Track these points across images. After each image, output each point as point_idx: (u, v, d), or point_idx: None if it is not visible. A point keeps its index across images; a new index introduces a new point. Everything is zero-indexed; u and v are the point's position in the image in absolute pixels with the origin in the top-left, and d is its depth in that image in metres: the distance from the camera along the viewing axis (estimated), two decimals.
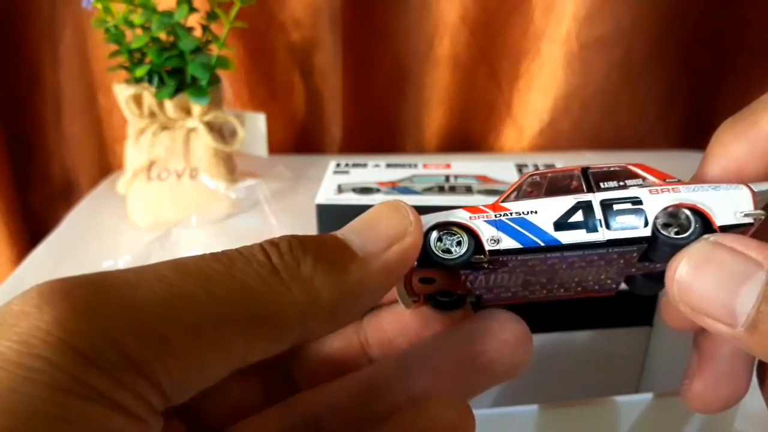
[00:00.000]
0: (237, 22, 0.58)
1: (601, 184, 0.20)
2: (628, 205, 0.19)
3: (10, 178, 0.75)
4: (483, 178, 0.47)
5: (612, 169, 0.21)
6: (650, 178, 0.21)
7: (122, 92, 0.58)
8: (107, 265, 0.51)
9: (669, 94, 0.80)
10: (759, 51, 0.77)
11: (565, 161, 0.52)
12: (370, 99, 0.79)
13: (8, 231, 0.75)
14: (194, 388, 0.14)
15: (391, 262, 0.16)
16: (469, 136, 0.82)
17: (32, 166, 0.78)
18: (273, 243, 0.16)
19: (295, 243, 0.16)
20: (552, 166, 0.51)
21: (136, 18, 0.56)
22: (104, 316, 0.13)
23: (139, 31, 0.57)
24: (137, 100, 0.58)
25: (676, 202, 0.19)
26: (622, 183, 0.21)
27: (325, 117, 0.78)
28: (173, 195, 0.60)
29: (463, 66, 0.76)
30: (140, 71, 0.57)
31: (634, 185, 0.20)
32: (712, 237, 0.17)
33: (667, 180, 0.21)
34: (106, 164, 0.79)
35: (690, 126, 0.83)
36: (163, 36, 0.57)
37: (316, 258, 0.15)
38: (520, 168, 0.50)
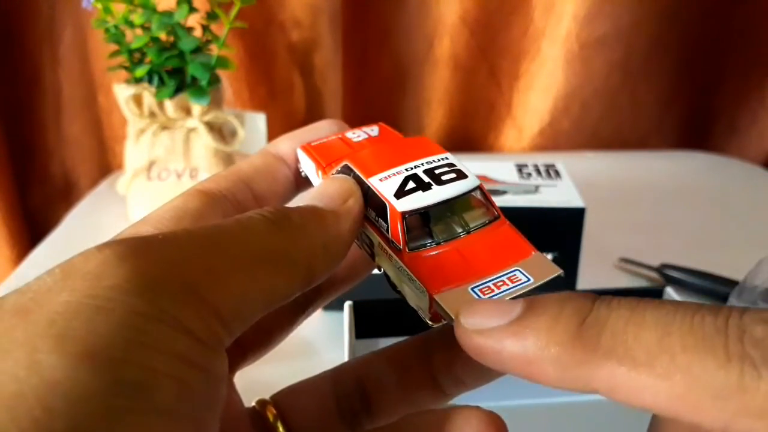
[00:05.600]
0: (237, 22, 0.58)
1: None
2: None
3: (10, 178, 0.75)
4: (483, 178, 0.47)
5: None
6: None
7: (122, 92, 0.58)
8: None
9: (669, 94, 0.80)
10: (758, 51, 0.77)
11: (565, 161, 0.52)
12: (370, 99, 0.79)
13: (8, 231, 0.75)
14: (244, 318, 0.16)
15: (351, 211, 0.20)
16: (469, 136, 0.82)
17: (32, 166, 0.78)
18: (258, 211, 0.18)
19: (276, 209, 0.18)
20: (552, 166, 0.51)
21: (136, 18, 0.56)
22: (162, 253, 0.15)
23: (139, 31, 0.57)
24: (137, 100, 0.58)
25: None
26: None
27: (325, 117, 0.78)
28: (173, 195, 0.59)
29: (463, 66, 0.76)
30: (140, 71, 0.57)
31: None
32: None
33: None
34: (106, 164, 0.79)
35: (690, 126, 0.83)
36: (163, 36, 0.57)
37: (299, 214, 0.18)
38: (520, 168, 0.50)
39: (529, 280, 0.18)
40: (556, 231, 0.46)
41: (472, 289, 0.18)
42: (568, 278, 0.46)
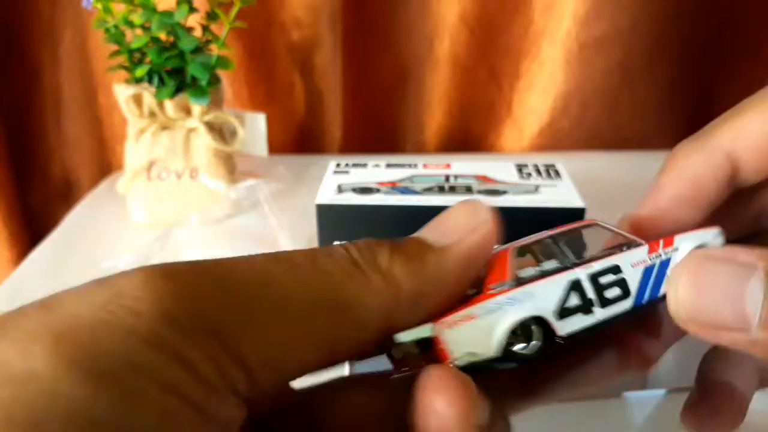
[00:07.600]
0: (237, 22, 0.58)
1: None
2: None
3: (10, 178, 0.75)
4: (483, 178, 0.47)
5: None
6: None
7: (122, 92, 0.58)
8: (106, 265, 0.51)
9: (669, 94, 0.80)
10: (759, 50, 0.77)
11: (565, 161, 0.52)
12: (370, 99, 0.79)
13: (8, 231, 0.75)
14: (282, 369, 0.15)
15: (466, 250, 0.17)
16: (469, 136, 0.82)
17: (32, 166, 0.78)
18: (351, 242, 0.16)
19: (371, 241, 0.17)
20: (552, 166, 0.51)
21: (136, 18, 0.56)
22: (196, 288, 0.14)
23: (139, 31, 0.57)
24: (137, 100, 0.58)
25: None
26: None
27: (325, 117, 0.78)
28: (173, 195, 0.60)
29: (463, 66, 0.76)
30: (140, 71, 0.57)
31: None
32: (699, 252, 0.18)
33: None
34: (106, 164, 0.79)
35: (690, 126, 0.83)
36: (163, 36, 0.57)
37: (392, 251, 0.16)
38: (520, 168, 0.50)
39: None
40: None
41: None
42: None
